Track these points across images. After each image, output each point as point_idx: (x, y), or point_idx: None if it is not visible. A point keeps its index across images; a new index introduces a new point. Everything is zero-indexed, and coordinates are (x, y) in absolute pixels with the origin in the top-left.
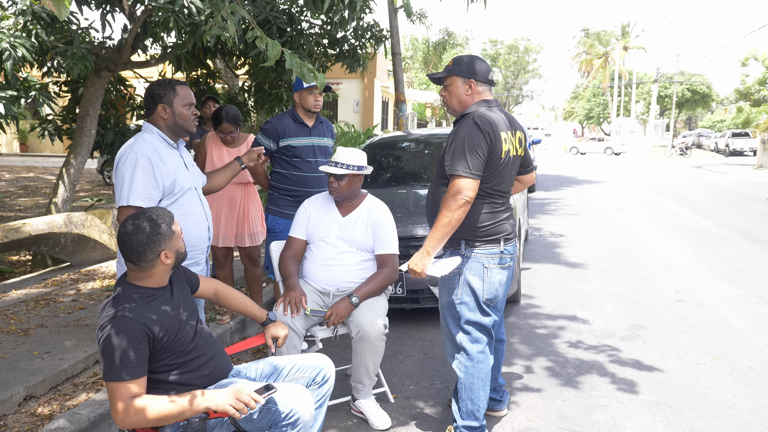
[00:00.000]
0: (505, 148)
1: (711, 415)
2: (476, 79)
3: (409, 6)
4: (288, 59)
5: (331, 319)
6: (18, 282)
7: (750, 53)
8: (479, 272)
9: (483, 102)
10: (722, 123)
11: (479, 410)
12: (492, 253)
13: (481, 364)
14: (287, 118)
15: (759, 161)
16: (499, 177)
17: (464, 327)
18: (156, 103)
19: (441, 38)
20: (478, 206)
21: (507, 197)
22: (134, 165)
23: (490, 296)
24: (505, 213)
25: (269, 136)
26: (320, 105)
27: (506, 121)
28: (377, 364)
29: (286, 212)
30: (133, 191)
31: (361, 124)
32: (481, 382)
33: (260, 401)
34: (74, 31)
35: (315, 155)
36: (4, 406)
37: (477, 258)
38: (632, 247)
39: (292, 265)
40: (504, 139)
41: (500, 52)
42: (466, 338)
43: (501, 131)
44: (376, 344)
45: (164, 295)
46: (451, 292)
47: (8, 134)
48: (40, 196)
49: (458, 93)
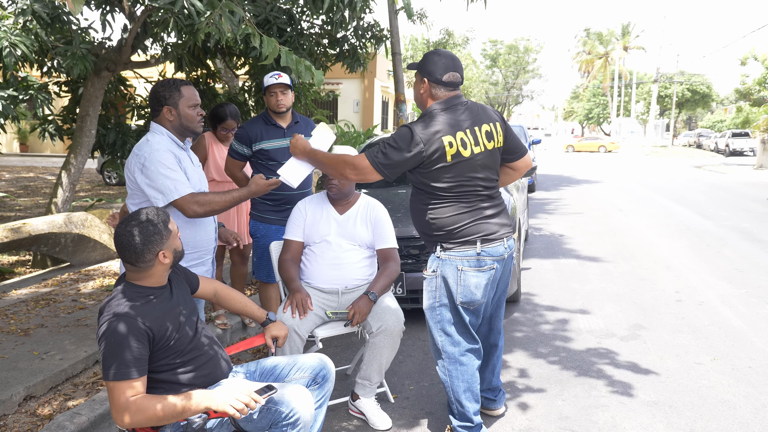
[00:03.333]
0: (452, 151)
1: (711, 415)
2: (429, 78)
3: (410, 7)
4: (284, 56)
5: (356, 318)
6: (18, 282)
7: (749, 53)
8: (453, 274)
9: (434, 104)
10: (722, 123)
11: (468, 412)
12: (466, 255)
13: (463, 366)
14: (259, 122)
15: (759, 161)
16: (458, 179)
17: (444, 329)
18: (161, 105)
19: (441, 38)
20: (446, 208)
21: (483, 195)
22: (163, 160)
23: (465, 299)
24: (485, 212)
25: (242, 142)
26: (284, 104)
27: (465, 119)
28: (390, 360)
29: (267, 217)
30: (178, 182)
31: (361, 124)
32: (465, 384)
33: (260, 401)
34: (74, 31)
35: (285, 157)
36: (4, 406)
37: (451, 260)
38: (632, 247)
39: (293, 268)
40: (449, 143)
41: (500, 52)
42: (446, 341)
43: (444, 135)
44: (395, 339)
45: (164, 295)
46: (431, 295)
47: (8, 134)
48: (40, 196)
49: (416, 90)
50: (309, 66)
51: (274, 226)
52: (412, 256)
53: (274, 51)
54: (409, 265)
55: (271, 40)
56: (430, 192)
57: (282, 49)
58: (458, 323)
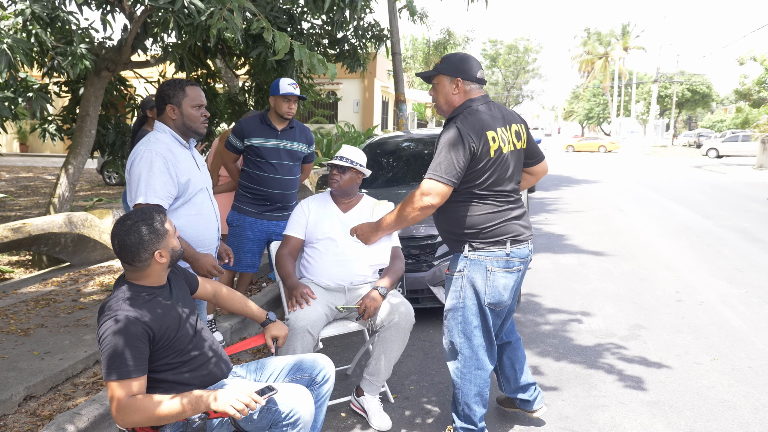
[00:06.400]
0: (494, 147)
1: (711, 415)
2: (463, 77)
3: (413, 6)
4: (297, 50)
5: (367, 311)
6: (18, 282)
7: (748, 53)
8: (482, 275)
9: (470, 101)
10: (722, 123)
11: (475, 416)
12: (496, 255)
13: (478, 371)
14: (256, 119)
15: (759, 161)
16: (494, 176)
17: (465, 331)
18: (165, 103)
19: (441, 38)
20: (478, 207)
21: (513, 196)
22: (150, 163)
23: (492, 300)
24: (512, 212)
25: (237, 136)
26: (293, 112)
27: (499, 116)
28: (399, 355)
29: (245, 208)
30: (151, 188)
31: (361, 124)
32: (476, 388)
33: (261, 402)
34: (74, 31)
35: (280, 158)
36: (4, 406)
37: (480, 260)
38: (632, 247)
39: (290, 263)
40: (492, 138)
41: (500, 52)
42: (466, 343)
43: (488, 130)
44: (405, 334)
45: (163, 294)
46: (455, 296)
47: (8, 134)
48: (40, 196)
49: (445, 92)
50: (322, 59)
51: (250, 218)
52: (412, 256)
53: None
54: (409, 265)
55: (283, 35)
56: (462, 190)
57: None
58: (481, 325)
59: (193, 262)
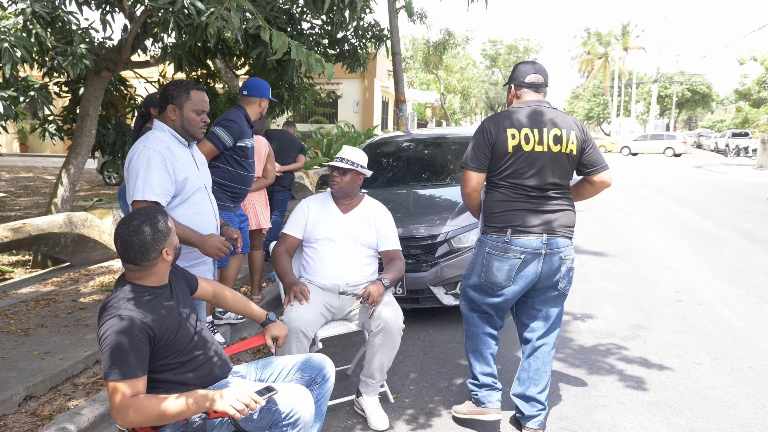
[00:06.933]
0: (514, 143)
1: (711, 415)
2: (514, 83)
3: (411, 6)
4: (294, 50)
5: (370, 298)
6: (18, 282)
7: (748, 53)
8: (482, 255)
9: (517, 104)
10: (722, 123)
11: (474, 369)
12: (496, 240)
13: (470, 327)
14: (244, 120)
15: (759, 161)
16: (511, 168)
17: (465, 292)
18: (168, 102)
19: (441, 38)
20: (492, 194)
21: (537, 191)
22: (148, 161)
23: (487, 279)
24: (529, 205)
25: (233, 135)
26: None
27: (537, 119)
28: (391, 359)
29: (225, 204)
30: (148, 186)
31: (361, 124)
32: (472, 344)
33: (261, 402)
34: (74, 31)
35: (252, 156)
36: (4, 406)
37: (484, 242)
38: (632, 247)
39: (287, 260)
40: (512, 135)
41: (500, 53)
42: (465, 304)
43: (510, 127)
44: (395, 338)
45: (165, 294)
46: (468, 267)
47: (8, 134)
48: (40, 196)
49: (508, 97)
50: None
51: (231, 213)
52: (412, 256)
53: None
54: (409, 265)
55: (280, 34)
56: (489, 178)
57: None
58: (479, 291)
59: (201, 245)
